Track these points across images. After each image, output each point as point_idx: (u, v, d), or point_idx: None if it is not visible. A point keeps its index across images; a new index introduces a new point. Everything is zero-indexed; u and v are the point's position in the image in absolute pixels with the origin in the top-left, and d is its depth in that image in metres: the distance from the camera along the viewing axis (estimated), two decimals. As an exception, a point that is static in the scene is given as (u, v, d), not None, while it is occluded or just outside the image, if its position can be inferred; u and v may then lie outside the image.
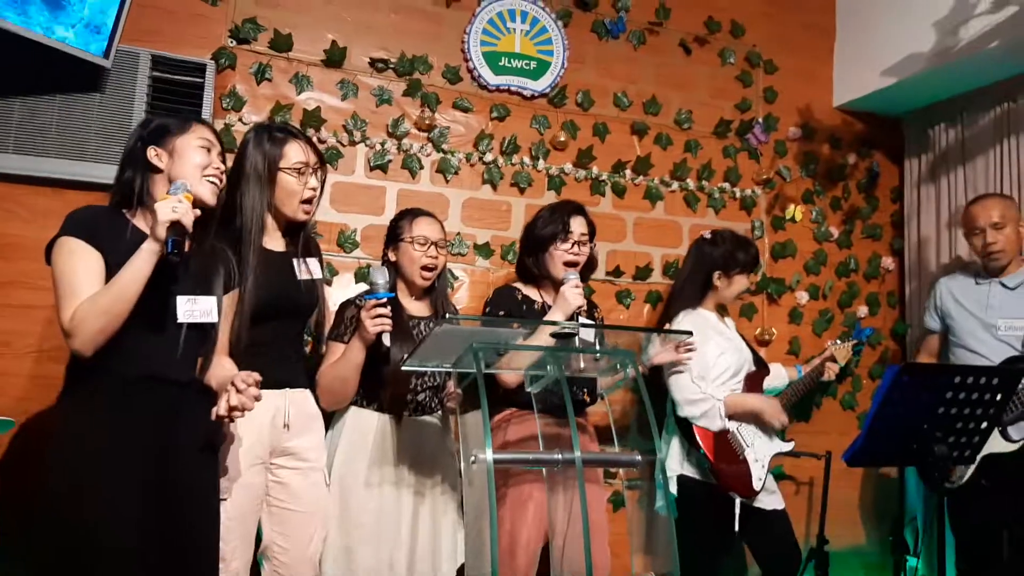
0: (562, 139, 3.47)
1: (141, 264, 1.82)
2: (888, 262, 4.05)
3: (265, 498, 2.25)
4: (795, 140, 3.93)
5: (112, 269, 1.86)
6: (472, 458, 1.90)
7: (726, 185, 3.76)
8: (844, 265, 3.96)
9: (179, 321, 1.95)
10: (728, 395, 2.91)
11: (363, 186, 3.20)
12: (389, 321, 2.28)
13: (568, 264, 2.70)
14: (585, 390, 2.68)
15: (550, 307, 2.64)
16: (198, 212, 1.93)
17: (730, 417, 2.89)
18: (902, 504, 3.87)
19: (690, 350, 2.77)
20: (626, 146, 3.61)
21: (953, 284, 3.31)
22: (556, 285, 2.67)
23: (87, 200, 2.76)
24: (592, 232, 2.81)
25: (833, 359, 3.23)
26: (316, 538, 2.30)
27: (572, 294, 2.51)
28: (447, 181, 3.32)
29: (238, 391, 1.86)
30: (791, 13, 3.97)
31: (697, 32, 3.79)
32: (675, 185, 3.67)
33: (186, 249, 1.94)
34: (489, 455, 1.87)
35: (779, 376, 3.26)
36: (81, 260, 1.87)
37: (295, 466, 2.29)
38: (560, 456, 2.01)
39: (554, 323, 2.24)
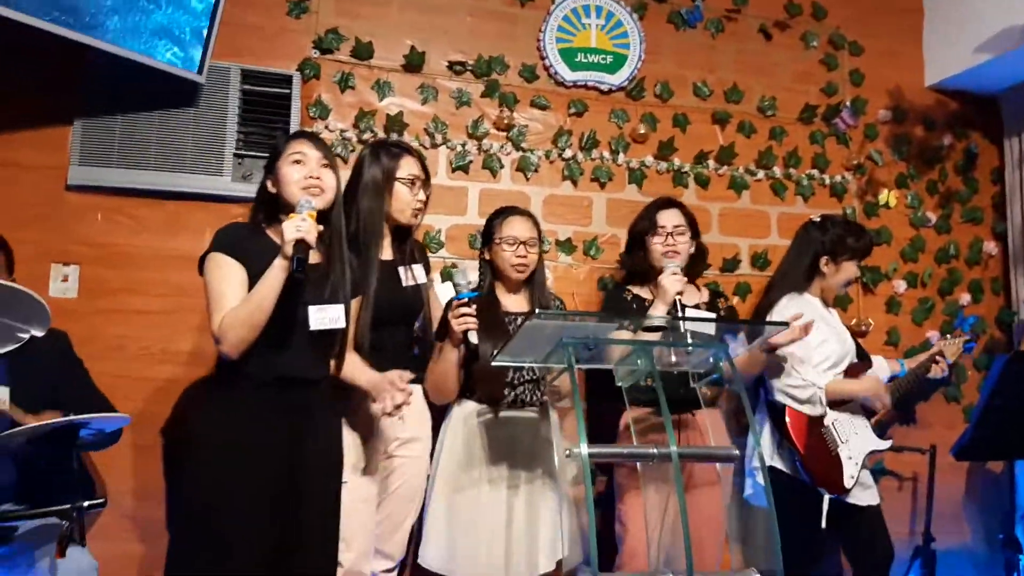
0: (642, 132, 3.44)
1: (273, 279, 2.01)
2: (990, 246, 3.86)
3: (381, 484, 2.41)
4: (885, 123, 3.79)
5: (254, 280, 2.04)
6: (567, 451, 1.90)
7: (814, 172, 3.65)
8: (943, 251, 3.78)
9: (311, 329, 2.12)
10: (830, 381, 2.83)
11: (446, 188, 3.24)
12: (474, 320, 2.34)
13: (666, 256, 2.70)
14: (696, 385, 2.65)
15: None
16: (321, 227, 2.09)
17: (830, 404, 2.80)
18: (1012, 499, 3.67)
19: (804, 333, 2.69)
20: (708, 136, 3.55)
21: None
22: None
23: (185, 209, 2.93)
24: (691, 223, 2.81)
25: (942, 355, 3.09)
26: (408, 521, 2.47)
27: (669, 281, 2.53)
28: (527, 179, 3.33)
29: (400, 390, 2.10)
30: (875, -8, 3.84)
31: (777, 16, 3.69)
32: (761, 174, 3.58)
33: (317, 260, 2.15)
34: (584, 449, 1.86)
35: (881, 369, 3.14)
36: (227, 273, 2.08)
37: (404, 455, 2.45)
38: (655, 450, 1.99)
39: (650, 317, 2.21)
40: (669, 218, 2.77)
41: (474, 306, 2.35)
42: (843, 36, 3.76)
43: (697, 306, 2.74)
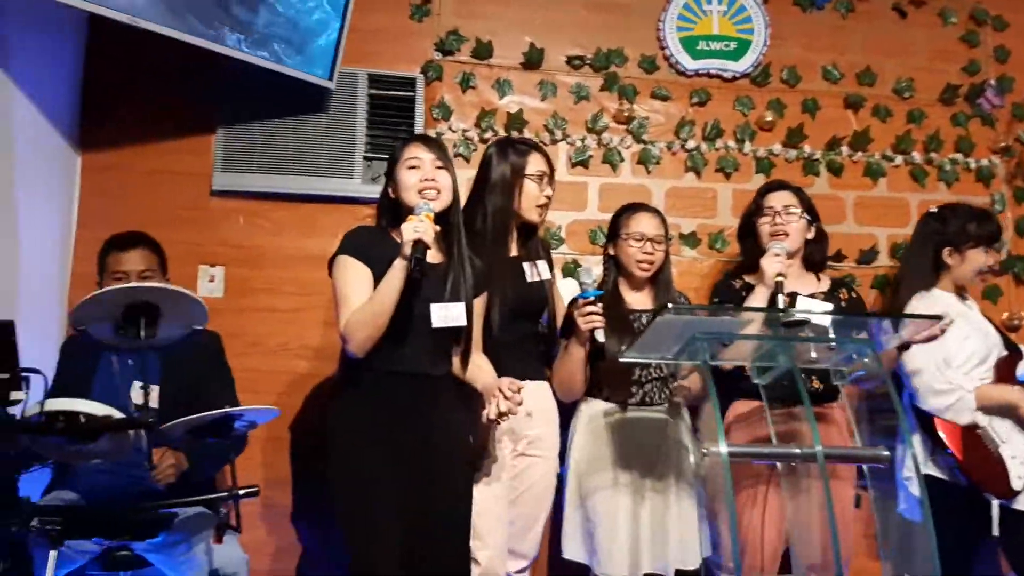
0: (769, 119, 3.32)
1: (393, 279, 2.06)
2: None
3: (512, 482, 2.40)
4: (1036, 100, 3.51)
5: (380, 281, 2.10)
6: (704, 451, 1.86)
7: (958, 156, 3.42)
8: (1104, 237, 3.47)
9: (434, 326, 2.16)
10: (979, 386, 2.64)
11: (566, 183, 3.22)
12: (600, 319, 2.32)
13: (774, 235, 2.61)
14: (833, 379, 2.53)
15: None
16: (438, 228, 2.12)
17: (981, 411, 2.61)
18: None
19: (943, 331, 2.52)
20: (840, 121, 3.38)
21: None
22: None
23: (319, 211, 3.06)
24: (805, 204, 2.68)
25: None
26: (541, 520, 2.45)
27: (768, 262, 2.44)
28: (648, 172, 3.28)
29: (506, 398, 2.06)
30: (1022, -39, 3.55)
31: (912, -8, 3.48)
32: (899, 159, 3.39)
33: (438, 261, 2.19)
34: (723, 448, 1.82)
35: None
36: (353, 275, 2.15)
37: (535, 453, 2.43)
38: (799, 450, 1.92)
39: (788, 311, 2.11)
40: (778, 199, 2.66)
41: (600, 304, 2.34)
42: (985, 10, 3.51)
43: (813, 295, 2.58)
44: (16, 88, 2.56)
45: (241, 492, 1.95)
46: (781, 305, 2.26)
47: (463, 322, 2.20)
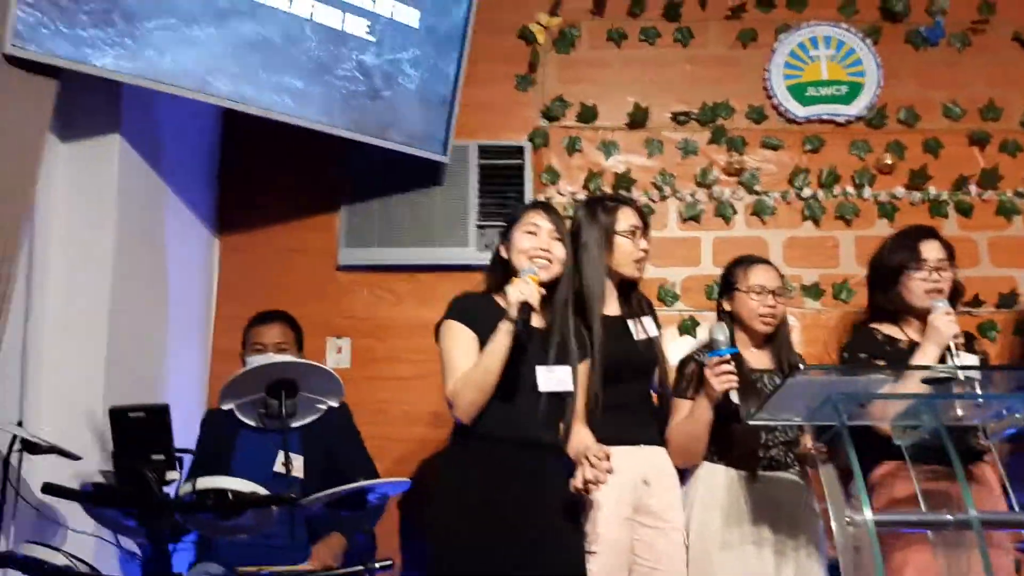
0: (888, 161, 3.21)
1: (499, 342, 2.05)
2: None
3: (629, 555, 2.29)
4: None
5: (485, 346, 2.10)
6: (847, 519, 1.77)
7: (1098, 186, 3.20)
8: None
9: (540, 390, 2.14)
10: None
11: (677, 239, 3.21)
12: (735, 378, 2.24)
13: (929, 292, 2.44)
14: (977, 435, 2.37)
15: (918, 344, 2.40)
16: (543, 291, 2.12)
17: None
18: None
19: None
20: (966, 159, 3.24)
21: None
22: (918, 318, 2.43)
23: (435, 280, 3.15)
24: (951, 255, 2.52)
25: None
26: None
27: (944, 323, 2.28)
28: (763, 223, 3.22)
29: (591, 465, 1.97)
30: None
31: (1032, 20, 3.33)
32: (1033, 195, 3.21)
33: (541, 325, 2.17)
34: (868, 515, 1.73)
35: None
36: (459, 340, 2.16)
37: (656, 525, 2.31)
38: (950, 516, 1.80)
39: (926, 367, 2.02)
40: (932, 250, 2.48)
41: (732, 362, 2.27)
42: (1118, 31, 3.31)
43: (959, 346, 2.43)
44: (165, 185, 2.81)
45: (377, 565, 2.00)
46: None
47: (570, 386, 2.17)
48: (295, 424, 2.18)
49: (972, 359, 2.31)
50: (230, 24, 2.55)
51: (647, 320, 2.50)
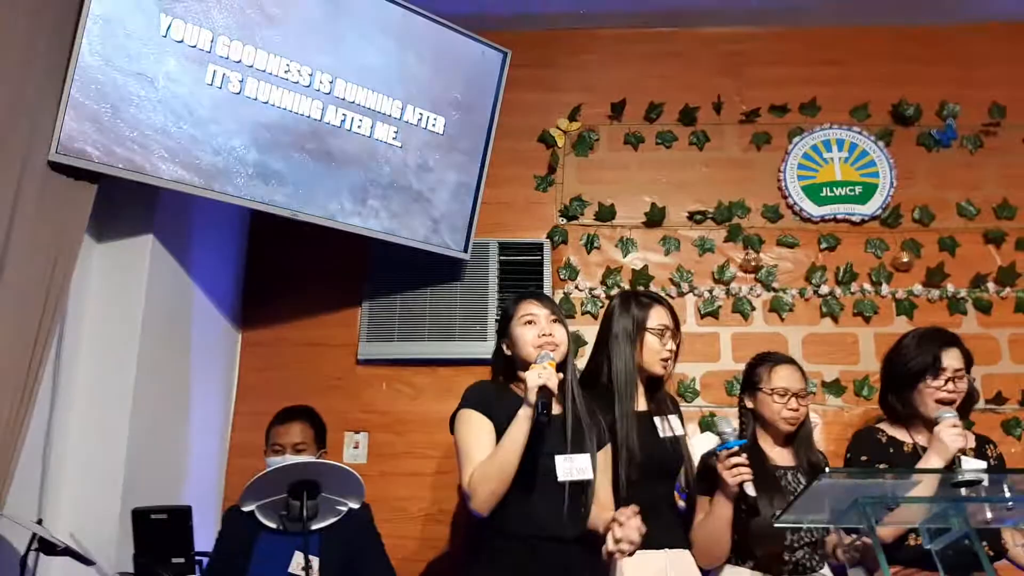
0: (905, 260, 3.24)
1: (518, 429, 2.01)
2: None
3: None
4: None
5: (501, 434, 2.06)
6: (879, 628, 1.70)
7: (1117, 283, 3.20)
8: None
9: (559, 480, 2.08)
10: None
11: (696, 334, 3.22)
12: (748, 470, 2.20)
13: (941, 402, 2.40)
14: (1003, 539, 2.30)
15: (923, 449, 2.35)
16: (561, 376, 2.09)
17: None
18: None
19: None
20: (982, 257, 3.26)
21: None
22: (928, 424, 2.38)
23: (454, 374, 3.16)
24: (969, 363, 2.46)
25: None
26: None
27: (949, 436, 2.21)
28: (782, 319, 3.23)
29: (620, 524, 1.92)
30: None
31: (1042, 123, 3.41)
32: (1052, 292, 3.21)
33: (557, 411, 2.12)
34: (900, 625, 1.66)
35: None
36: (475, 428, 2.11)
37: None
38: (987, 626, 1.73)
39: (934, 470, 1.98)
40: (953, 359, 2.41)
41: (744, 455, 2.24)
42: (1120, 132, 3.38)
43: (966, 454, 2.37)
44: (192, 282, 2.89)
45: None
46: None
47: (590, 475, 2.11)
48: (316, 526, 2.14)
49: (981, 464, 2.24)
50: (260, 131, 2.68)
51: (674, 419, 2.48)
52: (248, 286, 3.35)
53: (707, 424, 3.09)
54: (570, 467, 2.11)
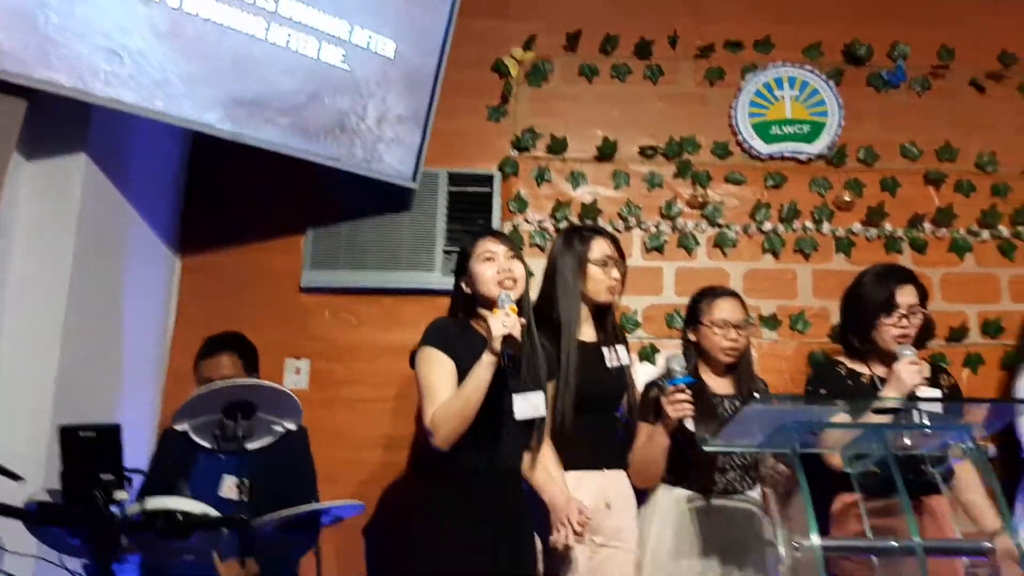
0: (847, 199, 3.29)
1: (482, 374, 2.06)
2: None
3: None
4: None
5: (463, 372, 2.11)
6: (796, 545, 1.79)
7: (1050, 228, 3.30)
8: None
9: (517, 418, 2.16)
10: None
11: (641, 268, 3.25)
12: (690, 407, 2.29)
13: (898, 337, 2.46)
14: (930, 468, 2.41)
15: (881, 380, 2.44)
16: (524, 321, 2.12)
17: None
18: None
19: None
20: (921, 198, 3.33)
21: None
22: (886, 358, 2.46)
23: (399, 304, 3.15)
24: (924, 298, 2.53)
25: None
26: None
27: (908, 372, 2.29)
28: (725, 255, 3.28)
29: (575, 532, 2.09)
30: (1103, 30, 3.49)
31: (989, 68, 3.45)
32: (985, 234, 3.29)
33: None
34: (816, 541, 1.75)
35: None
36: (438, 367, 2.15)
37: (613, 545, 2.35)
38: (896, 543, 1.82)
39: (881, 400, 2.06)
40: (907, 296, 2.48)
41: (689, 392, 2.31)
42: (1068, 83, 3.44)
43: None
44: (129, 204, 2.80)
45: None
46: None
47: (543, 411, 2.19)
48: (251, 446, 2.14)
49: (935, 393, 2.34)
50: (204, 49, 2.57)
51: (621, 349, 2.55)
52: (189, 211, 3.26)
53: (647, 355, 3.15)
54: (526, 405, 2.19)
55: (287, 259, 3.19)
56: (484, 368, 2.04)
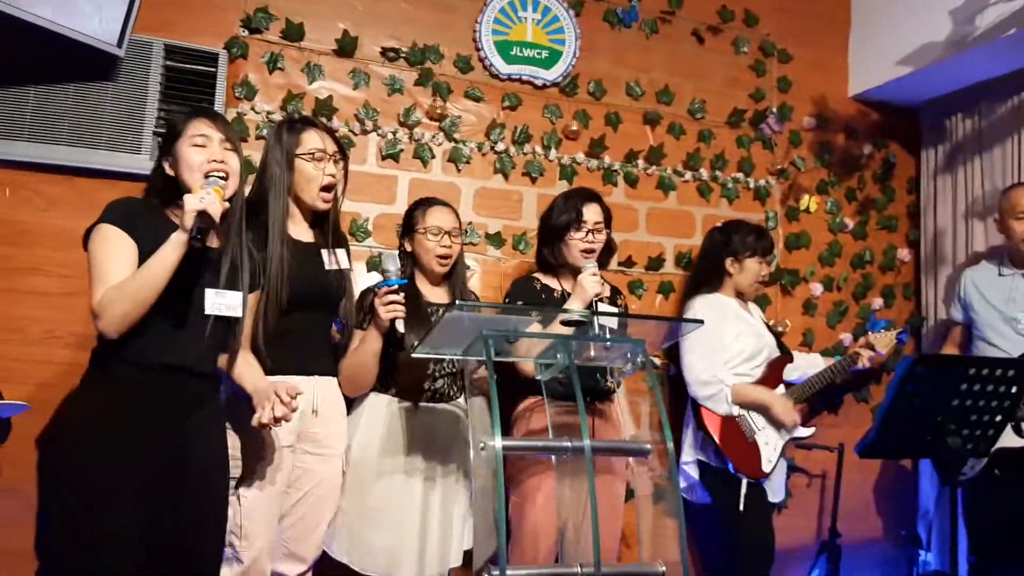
0: (574, 128, 3.46)
1: (168, 253, 1.86)
2: (904, 253, 4.01)
3: (285, 483, 2.29)
4: (810, 130, 3.90)
5: (146, 259, 1.90)
6: (480, 445, 1.90)
7: (740, 175, 3.74)
8: (859, 256, 3.92)
9: (206, 313, 2.00)
10: (737, 383, 2.93)
11: (375, 175, 3.20)
12: (402, 308, 2.30)
13: (584, 252, 2.69)
14: (608, 378, 2.68)
15: (569, 294, 2.64)
16: (227, 205, 1.97)
17: (738, 405, 2.91)
18: (916, 498, 3.84)
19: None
20: (639, 136, 3.59)
21: (977, 275, 3.31)
22: (575, 273, 2.66)
23: (98, 187, 2.82)
24: (608, 219, 2.80)
25: (871, 347, 3.25)
26: (324, 522, 2.37)
27: (590, 282, 2.52)
28: (459, 171, 3.32)
29: (283, 403, 1.98)
30: (805, 2, 3.95)
31: (710, 21, 3.76)
32: (688, 175, 3.65)
33: (216, 244, 2.02)
34: (498, 442, 1.87)
35: (814, 364, 3.31)
36: (115, 247, 1.92)
37: (319, 452, 2.35)
38: (569, 443, 2.01)
39: (568, 311, 2.23)
40: (592, 213, 2.74)
41: (402, 294, 2.31)
42: (773, 44, 3.86)
43: (602, 300, 2.75)
44: None
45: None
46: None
47: (239, 312, 2.06)
48: None
49: (613, 309, 2.60)
50: None
51: (341, 253, 2.48)
52: None
53: (375, 264, 3.13)
54: (219, 302, 2.02)
55: (-46, 121, 2.70)
56: (172, 247, 1.86)
